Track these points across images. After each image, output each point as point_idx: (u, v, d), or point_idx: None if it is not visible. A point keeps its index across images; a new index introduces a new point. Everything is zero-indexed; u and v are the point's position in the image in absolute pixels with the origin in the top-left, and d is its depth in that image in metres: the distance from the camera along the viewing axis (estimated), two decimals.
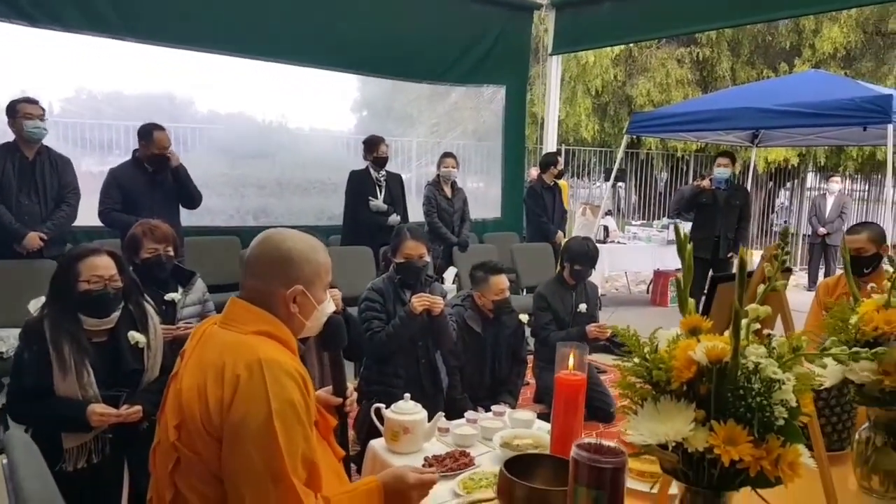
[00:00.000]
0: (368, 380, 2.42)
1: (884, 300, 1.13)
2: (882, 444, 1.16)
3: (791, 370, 0.76)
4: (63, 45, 4.19)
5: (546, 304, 3.25)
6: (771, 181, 10.66)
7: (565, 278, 3.31)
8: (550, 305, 3.23)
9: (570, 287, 3.30)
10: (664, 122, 5.73)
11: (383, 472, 1.20)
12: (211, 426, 1.07)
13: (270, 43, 4.82)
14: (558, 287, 3.31)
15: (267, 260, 1.20)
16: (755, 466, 0.75)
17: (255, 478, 1.04)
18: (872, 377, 1.09)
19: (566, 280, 3.30)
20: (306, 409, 1.11)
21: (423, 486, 1.17)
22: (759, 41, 9.45)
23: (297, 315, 1.21)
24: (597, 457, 0.79)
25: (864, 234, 2.39)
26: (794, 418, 0.78)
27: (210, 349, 1.14)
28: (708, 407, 0.78)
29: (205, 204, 5.09)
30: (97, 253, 1.89)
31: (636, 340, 0.84)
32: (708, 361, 0.75)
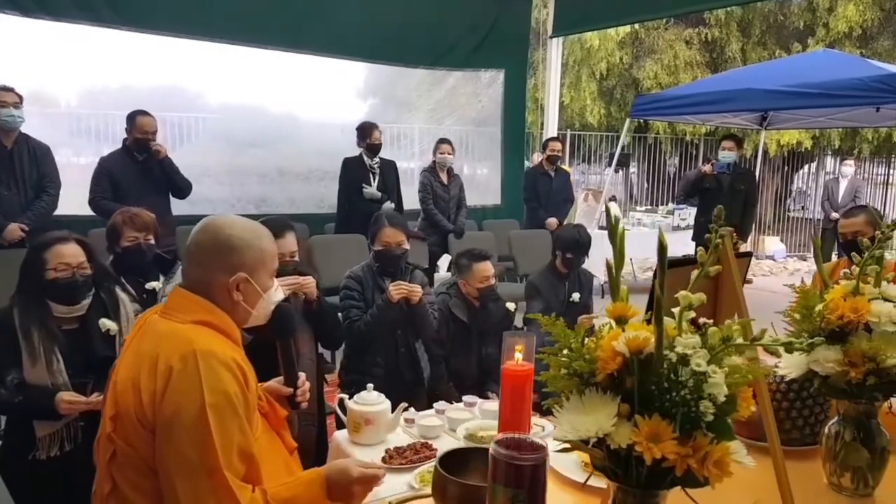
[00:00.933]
0: (348, 369, 2.39)
1: (852, 286, 1.06)
2: (851, 440, 1.10)
3: (720, 362, 0.70)
4: (76, 38, 4.25)
5: (537, 292, 3.19)
6: (786, 165, 10.40)
7: (557, 267, 3.24)
8: (541, 294, 3.18)
9: (562, 276, 3.23)
10: (668, 105, 5.58)
11: (329, 464, 1.17)
12: (144, 419, 1.05)
13: (267, 31, 4.79)
14: (550, 276, 3.25)
15: (207, 247, 1.17)
16: (681, 465, 0.70)
17: (189, 471, 1.02)
18: (837, 368, 1.03)
19: (558, 269, 3.23)
20: (244, 400, 1.08)
21: (367, 481, 1.14)
22: (770, 21, 9.16)
23: (241, 303, 1.17)
24: (515, 453, 0.74)
25: (861, 217, 2.31)
26: (726, 414, 0.72)
27: (147, 339, 1.11)
28: (633, 401, 0.72)
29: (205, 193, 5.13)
30: (64, 241, 1.88)
31: (562, 330, 0.79)
32: (629, 352, 0.70)
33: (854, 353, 1.02)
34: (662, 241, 0.70)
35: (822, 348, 1.04)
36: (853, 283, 1.06)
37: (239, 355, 1.13)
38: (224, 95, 5.22)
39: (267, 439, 1.21)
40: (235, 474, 1.03)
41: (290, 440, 1.30)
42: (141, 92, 4.71)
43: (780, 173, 10.41)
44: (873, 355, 1.00)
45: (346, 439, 1.55)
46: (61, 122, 4.55)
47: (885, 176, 10.57)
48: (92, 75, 4.62)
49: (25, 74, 4.25)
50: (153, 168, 3.66)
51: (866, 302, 1.03)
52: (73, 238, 1.90)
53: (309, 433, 2.07)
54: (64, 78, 4.52)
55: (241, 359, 1.12)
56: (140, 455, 1.06)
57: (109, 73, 4.64)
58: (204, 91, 5.18)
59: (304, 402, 1.31)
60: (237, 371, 1.08)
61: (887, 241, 1.05)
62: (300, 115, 5.55)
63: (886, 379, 1.01)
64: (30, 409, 1.80)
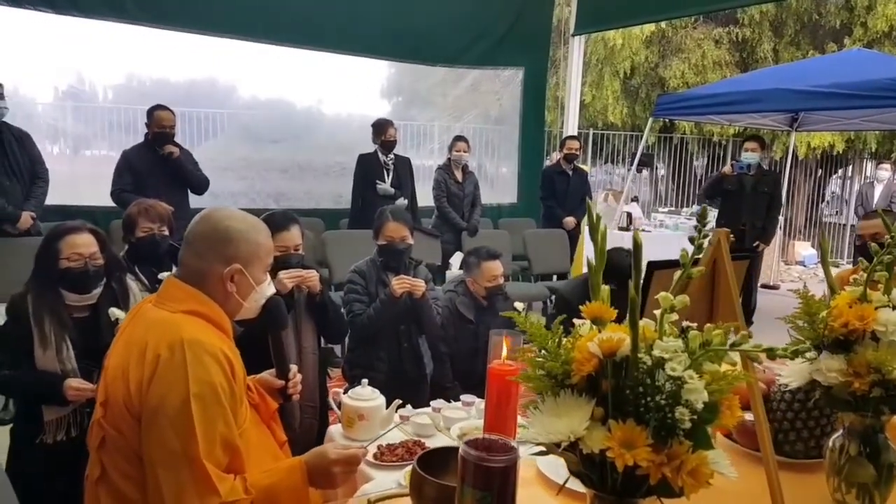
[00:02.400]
0: (351, 363, 2.39)
1: (859, 293, 1.01)
2: (856, 454, 1.04)
3: (699, 367, 0.67)
4: (114, 34, 4.39)
5: (567, 308, 3.03)
6: (820, 168, 10.08)
7: None
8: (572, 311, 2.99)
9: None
10: (693, 105, 5.44)
11: (309, 451, 1.17)
12: (132, 406, 1.06)
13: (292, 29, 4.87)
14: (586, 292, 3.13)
15: (206, 237, 1.18)
16: (655, 473, 0.66)
17: (171, 460, 1.02)
18: (841, 379, 0.98)
19: None
20: (230, 392, 1.08)
21: (346, 461, 1.13)
22: (804, 20, 8.87)
23: (234, 295, 1.18)
24: (484, 454, 0.71)
25: (880, 220, 2.22)
26: (706, 422, 0.68)
27: (138, 328, 1.13)
28: (608, 404, 0.69)
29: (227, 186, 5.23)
30: (78, 231, 1.92)
31: (538, 329, 0.76)
32: (601, 354, 0.67)
33: (859, 364, 0.96)
34: (637, 240, 0.66)
35: (825, 357, 0.99)
36: (860, 290, 1.00)
37: (227, 346, 1.13)
38: (250, 91, 5.35)
39: (257, 432, 1.22)
40: (217, 465, 1.03)
41: (280, 433, 1.30)
42: (173, 87, 4.88)
43: (813, 177, 10.10)
44: (879, 366, 0.95)
45: (340, 434, 1.55)
46: (97, 116, 4.72)
47: None
48: (128, 71, 4.78)
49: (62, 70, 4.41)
50: (175, 161, 3.72)
51: (873, 310, 0.97)
52: (86, 228, 1.95)
53: (311, 426, 2.08)
54: (101, 73, 4.68)
55: (229, 349, 1.12)
56: (127, 442, 1.07)
57: (145, 69, 4.80)
58: (231, 87, 5.32)
59: (295, 395, 1.31)
60: (224, 362, 1.08)
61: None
62: (323, 111, 5.63)
63: (893, 391, 0.96)
64: (39, 393, 1.84)
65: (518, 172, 6.06)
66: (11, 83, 4.29)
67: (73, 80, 4.62)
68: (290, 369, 1.31)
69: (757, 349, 0.65)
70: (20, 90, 4.39)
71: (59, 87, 4.57)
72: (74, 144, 4.75)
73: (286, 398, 1.30)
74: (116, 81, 4.79)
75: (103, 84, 4.78)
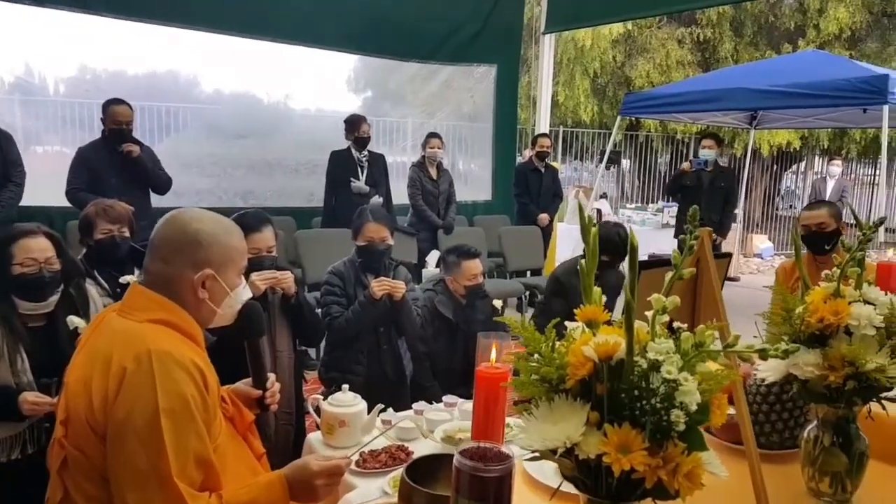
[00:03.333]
0: (329, 367, 2.35)
1: (833, 288, 1.04)
2: (830, 444, 1.08)
3: (693, 368, 0.68)
4: (64, 23, 4.14)
5: (561, 290, 2.85)
6: (776, 164, 10.45)
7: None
8: (566, 293, 2.81)
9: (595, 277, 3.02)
10: (658, 103, 5.57)
11: (289, 464, 1.13)
12: (95, 423, 1.00)
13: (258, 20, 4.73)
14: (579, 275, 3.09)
15: (173, 241, 1.11)
16: (651, 476, 0.67)
17: (140, 479, 0.97)
18: (817, 373, 1.01)
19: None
20: (202, 404, 1.03)
21: (329, 473, 1.09)
22: (761, 21, 9.18)
23: (206, 301, 1.12)
24: (479, 465, 0.71)
25: (825, 210, 2.32)
26: (698, 423, 0.69)
27: (101, 338, 1.06)
28: (603, 408, 0.69)
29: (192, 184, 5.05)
30: (32, 234, 1.81)
31: (531, 333, 0.76)
32: (598, 358, 0.67)
33: (834, 357, 1.00)
34: (633, 242, 0.67)
35: (801, 352, 1.02)
36: (833, 286, 1.04)
37: (199, 356, 1.08)
38: (214, 85, 5.15)
39: (233, 445, 1.17)
40: (190, 483, 0.98)
41: (258, 445, 1.26)
42: (131, 80, 4.64)
43: (769, 172, 10.47)
44: (853, 359, 0.98)
45: (319, 441, 1.52)
46: (48, 110, 4.47)
47: (871, 177, 10.66)
48: (81, 63, 4.54)
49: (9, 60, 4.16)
50: (133, 158, 3.58)
51: (846, 305, 1.00)
52: (41, 231, 1.83)
53: (286, 433, 2.03)
54: (52, 65, 4.42)
55: (201, 360, 1.07)
56: (91, 462, 1.01)
57: (99, 61, 4.55)
58: (194, 81, 5.10)
59: (273, 405, 1.26)
60: (195, 373, 1.03)
61: (868, 242, 1.03)
62: (291, 106, 5.49)
63: (866, 383, 0.99)
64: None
65: (492, 169, 6.08)
66: None
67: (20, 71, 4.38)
68: (267, 378, 1.26)
69: (750, 350, 0.66)
70: None
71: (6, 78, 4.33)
72: (24, 140, 4.51)
73: (264, 408, 1.25)
74: (68, 73, 4.55)
75: (54, 76, 4.55)
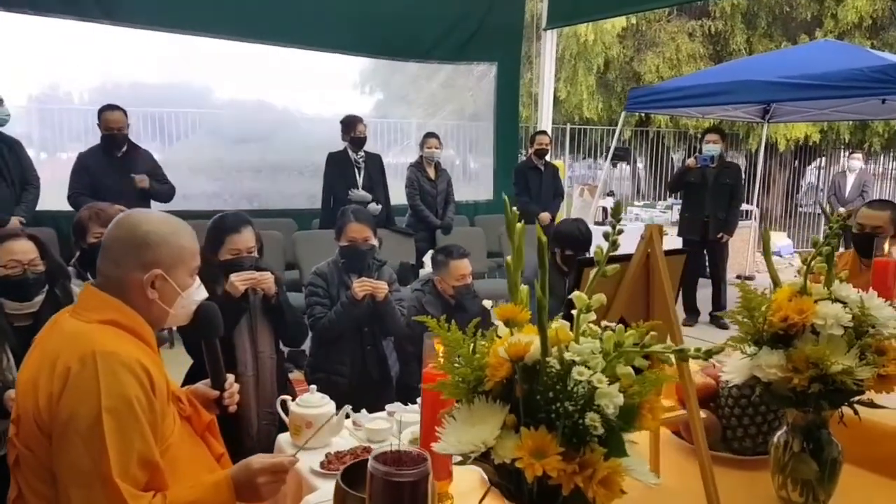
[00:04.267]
0: (313, 367, 2.34)
1: (799, 285, 0.98)
2: (800, 451, 1.02)
3: (614, 370, 0.63)
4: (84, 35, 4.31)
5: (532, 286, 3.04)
6: (796, 159, 10.20)
7: (558, 264, 3.07)
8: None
9: (562, 273, 3.05)
10: (665, 98, 5.45)
11: (236, 464, 1.12)
12: (42, 422, 1.01)
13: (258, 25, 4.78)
14: (550, 273, 3.10)
15: (121, 243, 1.12)
16: (567, 483, 0.63)
17: (83, 479, 0.97)
18: (780, 374, 0.95)
19: (558, 265, 3.06)
20: (148, 405, 1.02)
21: (272, 471, 1.08)
22: (776, 12, 8.96)
23: (157, 302, 1.12)
24: (392, 469, 0.67)
25: (888, 213, 2.13)
26: (624, 428, 0.65)
27: (51, 339, 1.07)
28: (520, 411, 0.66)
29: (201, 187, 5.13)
30: (15, 237, 1.85)
31: (454, 334, 0.72)
32: (509, 359, 0.63)
33: (798, 359, 0.94)
34: (541, 237, 0.63)
35: (764, 352, 0.97)
36: (800, 282, 0.98)
37: (147, 357, 1.07)
38: (221, 92, 5.26)
39: (189, 445, 1.16)
40: (133, 484, 0.98)
41: (217, 446, 1.24)
42: (148, 88, 4.77)
43: (789, 168, 10.22)
44: (817, 361, 0.92)
45: (288, 442, 1.50)
46: (73, 118, 4.63)
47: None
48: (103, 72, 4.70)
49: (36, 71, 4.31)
50: (132, 163, 3.63)
51: (812, 303, 0.95)
52: (24, 234, 1.88)
53: (269, 433, 2.02)
54: (76, 76, 4.61)
55: (149, 360, 1.06)
56: (39, 460, 1.01)
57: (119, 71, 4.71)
58: (201, 87, 5.22)
59: (232, 406, 1.25)
60: (141, 373, 1.02)
61: (837, 237, 0.97)
62: (294, 110, 5.54)
63: (832, 387, 0.93)
64: None
65: (493, 169, 6.03)
66: None
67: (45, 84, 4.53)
68: (226, 379, 1.25)
69: (667, 350, 0.62)
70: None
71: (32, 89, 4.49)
72: (52, 147, 4.65)
73: (223, 409, 1.24)
74: (92, 84, 4.70)
75: (79, 86, 4.70)
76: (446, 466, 1.05)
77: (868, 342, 0.94)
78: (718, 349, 0.62)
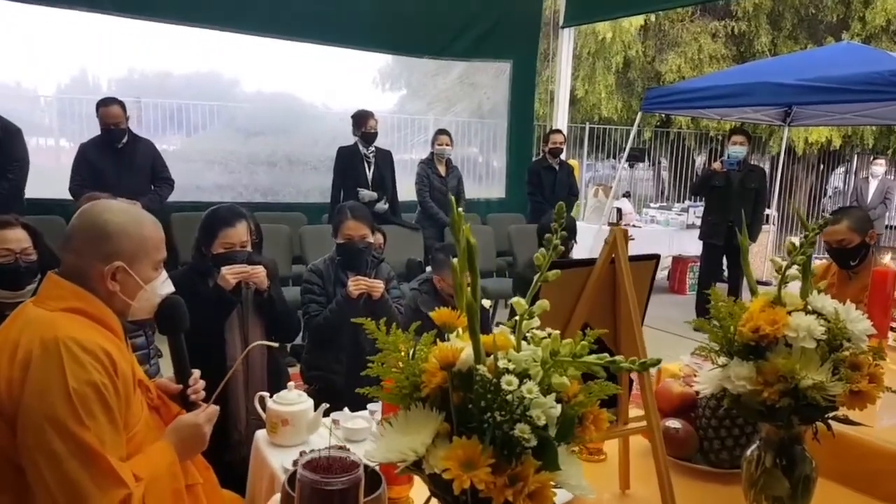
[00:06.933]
0: (308, 365, 2.34)
1: (773, 296, 0.95)
2: (771, 466, 0.99)
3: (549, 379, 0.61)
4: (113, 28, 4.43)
5: (525, 285, 3.05)
6: (822, 164, 9.93)
7: None
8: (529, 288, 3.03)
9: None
10: (682, 98, 5.34)
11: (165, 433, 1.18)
12: (2, 409, 1.01)
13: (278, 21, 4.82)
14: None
15: (82, 233, 1.12)
16: (498, 496, 0.61)
17: (61, 465, 0.97)
18: (749, 387, 0.92)
19: None
20: (114, 391, 1.03)
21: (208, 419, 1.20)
22: (801, 14, 8.72)
23: (118, 294, 1.12)
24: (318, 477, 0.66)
25: (844, 224, 2.11)
26: (562, 438, 0.63)
27: (13, 328, 1.08)
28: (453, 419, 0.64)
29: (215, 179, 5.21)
30: (8, 226, 1.87)
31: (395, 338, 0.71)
32: (438, 365, 0.62)
33: (769, 371, 0.90)
34: (470, 240, 0.61)
35: (734, 364, 0.93)
36: (774, 293, 0.94)
37: (111, 344, 1.08)
38: (244, 85, 5.34)
39: (156, 434, 1.17)
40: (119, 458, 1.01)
41: None
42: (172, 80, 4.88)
43: (814, 172, 9.96)
44: (788, 374, 0.89)
45: (265, 440, 1.50)
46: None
47: None
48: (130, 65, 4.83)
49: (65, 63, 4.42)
50: (133, 155, 3.66)
51: (785, 314, 0.91)
52: (18, 223, 1.89)
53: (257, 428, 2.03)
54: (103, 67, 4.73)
55: (113, 347, 1.07)
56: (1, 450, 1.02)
57: (146, 62, 4.81)
58: (226, 80, 5.33)
59: (197, 401, 1.25)
60: (105, 359, 1.03)
61: (811, 246, 0.93)
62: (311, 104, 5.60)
63: (804, 402, 0.90)
64: None
65: (506, 166, 5.99)
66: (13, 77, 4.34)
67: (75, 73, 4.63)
68: (190, 374, 1.25)
69: (600, 361, 0.60)
70: (22, 84, 4.45)
71: (62, 79, 4.60)
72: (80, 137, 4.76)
73: (187, 405, 1.24)
74: (119, 74, 4.81)
75: (105, 77, 4.79)
76: None
77: (842, 356, 0.90)
78: (653, 362, 0.59)
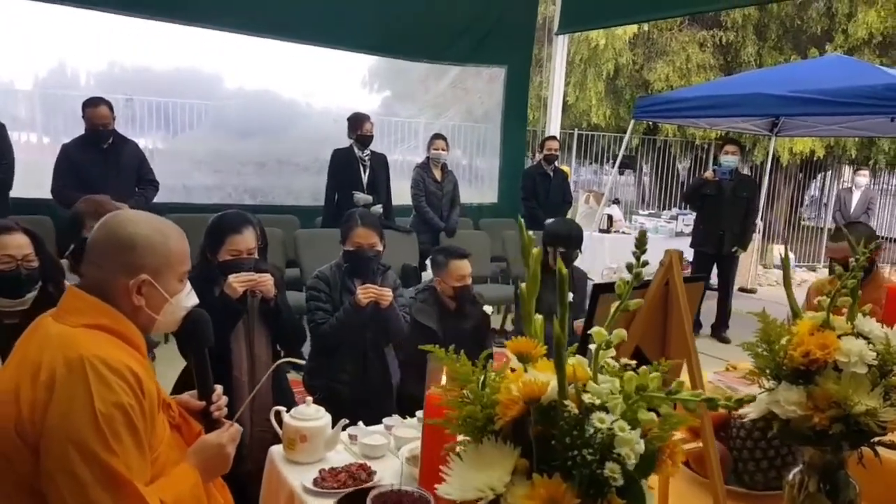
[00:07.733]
0: (312, 373, 2.29)
1: (822, 318, 0.94)
2: (815, 491, 0.98)
3: (635, 414, 0.59)
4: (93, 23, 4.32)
5: None
6: (801, 173, 10.15)
7: (549, 265, 3.06)
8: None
9: (555, 275, 3.03)
10: (673, 107, 5.40)
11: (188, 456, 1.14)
12: (25, 433, 0.95)
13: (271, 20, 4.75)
14: (543, 274, 3.08)
15: (106, 245, 1.07)
16: None
17: (86, 492, 0.92)
18: (800, 412, 0.91)
19: (551, 266, 3.05)
20: (141, 412, 0.98)
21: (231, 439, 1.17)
22: (787, 25, 8.92)
23: (143, 308, 1.07)
24: None
25: (845, 243, 2.14)
26: (643, 475, 0.61)
27: (33, 345, 1.02)
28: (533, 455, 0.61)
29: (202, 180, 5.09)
30: (9, 231, 1.79)
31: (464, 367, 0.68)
32: (523, 400, 0.59)
33: (819, 397, 0.90)
34: (562, 270, 0.58)
35: (783, 388, 0.92)
36: (822, 316, 0.94)
37: (136, 362, 1.03)
38: (228, 83, 5.22)
39: (178, 455, 1.11)
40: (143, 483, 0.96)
41: None
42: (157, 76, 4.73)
43: (794, 181, 10.17)
44: (840, 400, 0.88)
45: (281, 456, 1.45)
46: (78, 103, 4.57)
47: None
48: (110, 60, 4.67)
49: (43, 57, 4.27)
50: (119, 156, 3.56)
51: (836, 338, 0.91)
52: (19, 228, 1.81)
53: (263, 439, 1.97)
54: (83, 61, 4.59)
55: (138, 365, 1.02)
56: (17, 472, 0.96)
57: (127, 58, 4.67)
58: (210, 78, 5.19)
59: (220, 418, 1.20)
60: (131, 379, 0.98)
61: (862, 269, 0.93)
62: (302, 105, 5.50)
63: (855, 427, 0.89)
64: None
65: (499, 171, 5.99)
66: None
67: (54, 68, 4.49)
68: (213, 390, 1.20)
69: (695, 398, 0.57)
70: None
71: (40, 73, 4.45)
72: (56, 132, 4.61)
73: (210, 422, 1.19)
74: (98, 69, 4.67)
75: (84, 72, 4.65)
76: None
77: (893, 382, 0.90)
78: (749, 398, 0.57)
